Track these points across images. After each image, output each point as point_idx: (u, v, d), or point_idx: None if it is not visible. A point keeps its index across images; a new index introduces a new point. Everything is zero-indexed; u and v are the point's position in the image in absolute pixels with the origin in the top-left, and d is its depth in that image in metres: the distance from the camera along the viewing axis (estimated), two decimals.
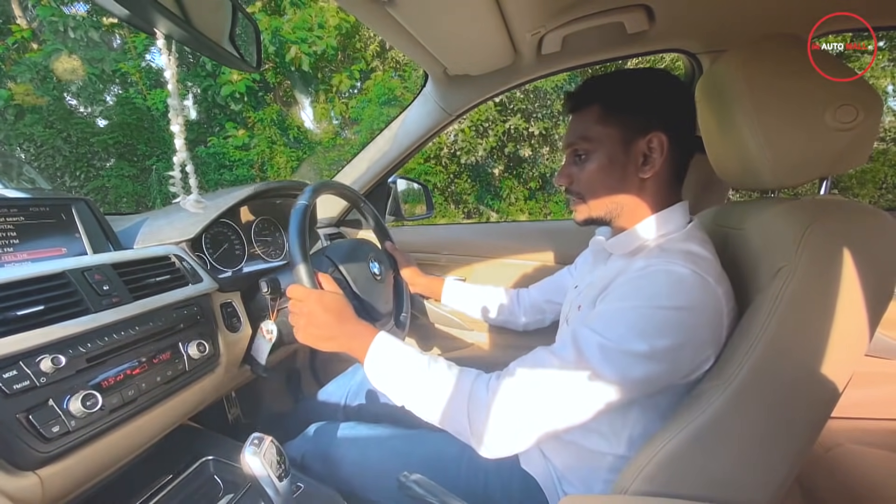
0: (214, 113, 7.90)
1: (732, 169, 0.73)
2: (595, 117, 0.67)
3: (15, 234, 0.67)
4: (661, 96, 0.67)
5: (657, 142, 0.65)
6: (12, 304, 0.54)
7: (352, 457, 0.80)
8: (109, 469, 0.65)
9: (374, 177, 1.40)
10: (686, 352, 0.57)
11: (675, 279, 0.57)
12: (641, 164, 0.66)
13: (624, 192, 0.68)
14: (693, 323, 0.56)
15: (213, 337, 0.80)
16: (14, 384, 0.50)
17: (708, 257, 0.60)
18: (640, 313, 0.56)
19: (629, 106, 0.66)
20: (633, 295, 0.58)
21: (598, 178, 0.68)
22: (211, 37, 0.60)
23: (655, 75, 0.68)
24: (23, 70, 6.70)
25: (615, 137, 0.66)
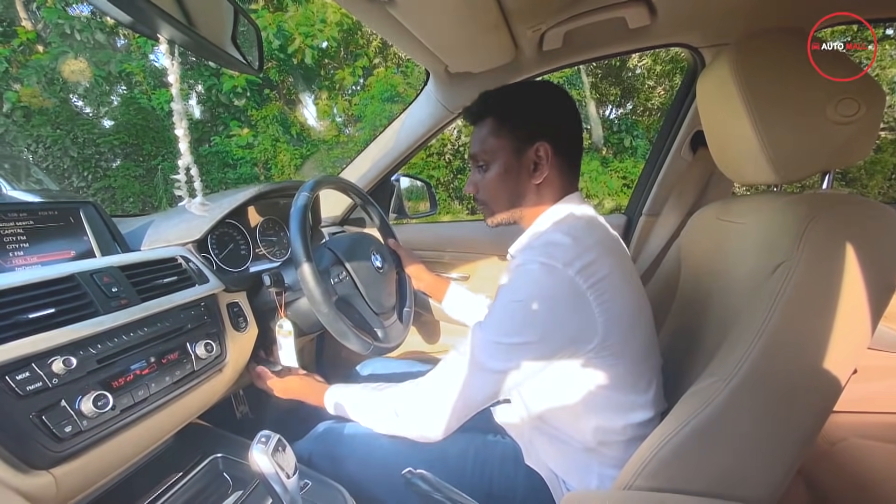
0: (218, 112, 7.93)
1: (734, 163, 0.73)
2: (489, 130, 0.75)
3: (25, 238, 0.68)
4: (545, 108, 0.74)
5: (543, 151, 0.71)
6: (24, 307, 0.55)
7: (358, 455, 0.81)
8: (121, 467, 0.66)
9: (377, 175, 1.41)
10: (550, 334, 0.63)
11: (525, 274, 0.64)
12: (532, 170, 0.73)
13: (520, 196, 0.76)
14: (545, 308, 0.62)
15: (220, 337, 0.81)
16: (27, 385, 0.51)
17: (565, 243, 0.65)
18: (506, 308, 0.65)
19: (517, 119, 0.73)
20: (501, 294, 0.67)
21: (498, 185, 0.76)
22: (213, 41, 0.61)
23: (541, 88, 0.76)
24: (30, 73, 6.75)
25: (507, 148, 0.74)
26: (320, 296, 0.76)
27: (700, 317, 0.77)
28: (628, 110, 9.89)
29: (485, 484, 0.75)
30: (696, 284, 0.83)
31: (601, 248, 0.65)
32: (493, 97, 0.76)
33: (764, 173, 0.65)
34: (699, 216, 0.89)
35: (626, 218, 1.42)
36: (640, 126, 9.15)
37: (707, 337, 0.73)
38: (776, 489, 0.56)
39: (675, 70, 6.75)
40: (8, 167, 5.36)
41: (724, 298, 0.70)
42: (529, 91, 0.76)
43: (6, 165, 5.34)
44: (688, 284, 0.87)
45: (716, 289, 0.75)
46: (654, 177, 1.31)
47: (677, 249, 0.93)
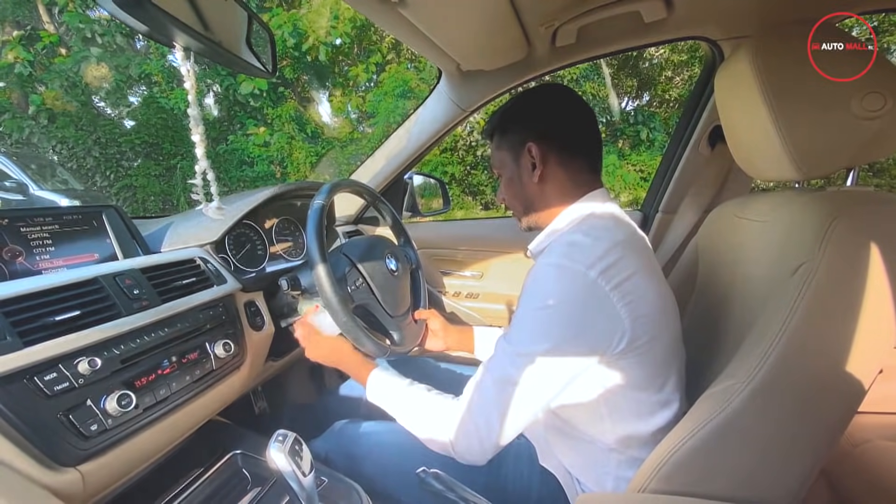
0: (235, 111, 8.05)
1: (754, 159, 0.71)
2: (496, 144, 0.81)
3: (51, 242, 0.71)
4: (532, 110, 0.77)
5: (534, 150, 0.74)
6: (51, 309, 0.57)
7: (374, 453, 0.82)
8: (144, 464, 0.68)
9: (391, 174, 1.41)
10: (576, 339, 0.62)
11: (542, 278, 0.64)
12: (532, 171, 0.75)
13: (530, 198, 0.78)
14: (568, 313, 0.61)
15: (238, 336, 0.83)
16: (55, 386, 0.53)
17: (585, 243, 0.64)
18: (529, 316, 0.64)
19: (507, 128, 0.78)
20: (522, 303, 0.66)
21: (510, 191, 0.81)
22: (227, 47, 0.62)
23: (533, 92, 0.79)
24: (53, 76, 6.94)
25: (508, 157, 0.78)
26: (338, 304, 0.77)
27: (718, 317, 0.76)
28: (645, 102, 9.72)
29: (499, 484, 0.75)
30: (714, 284, 0.81)
31: (625, 248, 0.63)
32: (495, 114, 0.81)
33: (785, 170, 0.63)
34: (717, 214, 0.87)
35: (643, 215, 1.40)
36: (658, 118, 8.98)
37: (725, 338, 0.72)
38: (797, 492, 0.55)
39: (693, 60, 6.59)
40: (35, 168, 5.52)
41: (743, 299, 0.69)
42: (522, 98, 0.79)
43: (33, 166, 5.51)
44: (705, 284, 0.86)
45: (734, 289, 0.73)
46: (671, 173, 1.28)
47: (694, 248, 0.92)
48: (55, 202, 5.10)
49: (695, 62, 6.57)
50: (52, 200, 5.12)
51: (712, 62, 1.13)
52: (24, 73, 6.91)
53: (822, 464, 0.55)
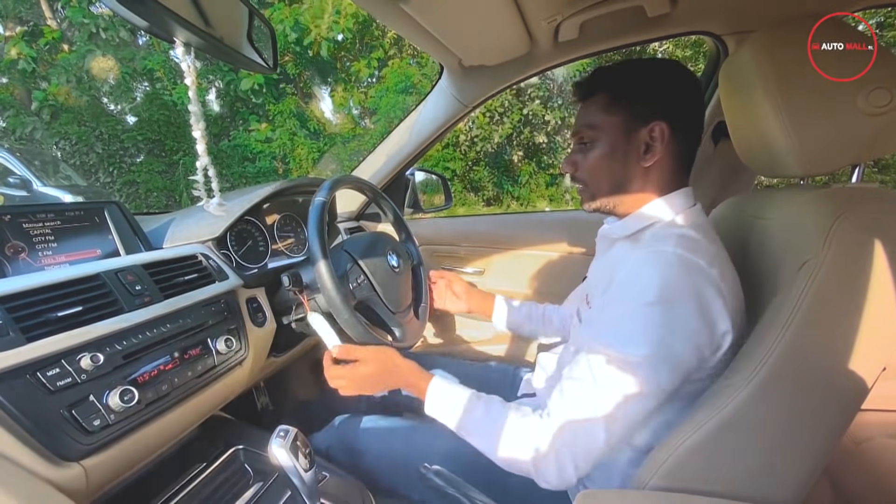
0: (237, 107, 8.06)
1: (758, 156, 0.70)
2: (600, 106, 0.69)
3: (53, 238, 0.71)
4: (666, 86, 0.68)
5: (658, 131, 0.66)
6: (53, 305, 0.57)
7: (376, 448, 0.83)
8: (147, 458, 0.69)
9: (392, 170, 1.41)
10: (683, 342, 0.57)
11: (659, 267, 0.58)
12: (643, 152, 0.67)
13: (626, 180, 0.69)
14: (681, 313, 0.57)
15: (239, 332, 0.83)
16: (57, 381, 0.54)
17: (700, 240, 0.61)
18: (632, 317, 0.58)
19: (633, 95, 0.68)
20: (625, 296, 0.61)
21: (601, 165, 0.70)
22: (228, 42, 0.62)
23: (663, 65, 0.69)
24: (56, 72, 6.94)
25: (618, 126, 0.68)
26: (340, 302, 0.77)
27: None
28: None
29: (501, 480, 0.74)
30: None
31: (726, 256, 0.62)
32: (609, 71, 0.71)
33: (789, 166, 0.62)
34: (721, 211, 0.87)
35: None
36: None
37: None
38: (799, 490, 0.55)
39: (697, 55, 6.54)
40: (38, 164, 5.54)
41: (750, 296, 0.69)
42: (651, 67, 0.70)
43: (36, 162, 5.52)
44: None
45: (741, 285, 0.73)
46: None
47: None
48: (58, 198, 5.11)
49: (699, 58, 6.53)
50: (56, 196, 5.13)
51: (716, 57, 1.12)
52: (27, 69, 6.92)
53: (825, 462, 0.55)
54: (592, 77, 0.72)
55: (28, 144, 6.91)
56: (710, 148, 1.18)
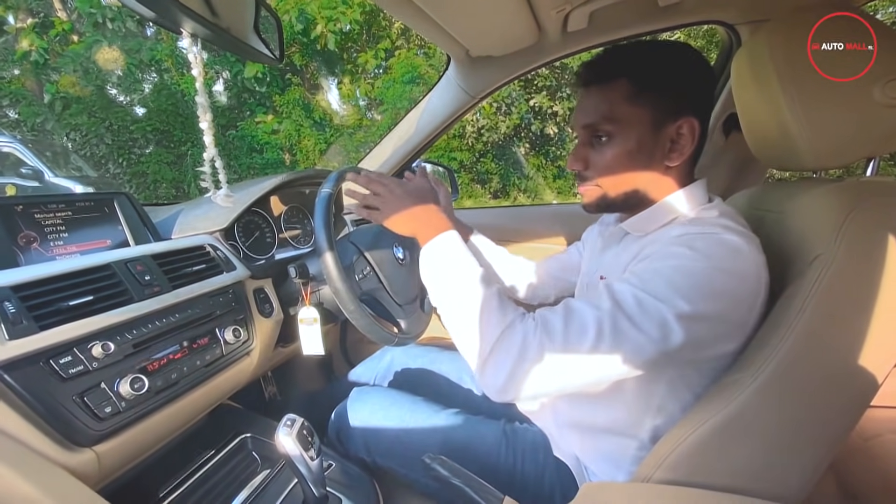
0: (244, 97, 8.07)
1: (770, 148, 0.69)
2: (623, 94, 0.60)
3: (64, 229, 0.72)
4: (695, 76, 0.61)
5: (688, 128, 0.60)
6: (65, 294, 0.58)
7: (382, 437, 0.82)
8: (157, 445, 0.70)
9: (399, 162, 1.41)
10: (724, 322, 0.53)
11: (723, 242, 0.53)
12: (668, 150, 0.61)
13: (646, 180, 0.63)
14: (736, 291, 0.52)
15: (247, 322, 0.84)
16: (70, 369, 0.55)
17: (748, 230, 0.57)
18: (684, 270, 0.52)
19: (662, 85, 0.60)
20: (676, 253, 0.53)
21: (622, 164, 0.62)
22: (234, 33, 0.61)
23: (687, 52, 0.62)
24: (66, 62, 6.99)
25: (645, 119, 0.60)
26: (346, 293, 0.77)
27: None
28: None
29: (512, 473, 0.74)
30: None
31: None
32: (630, 53, 0.62)
33: (802, 159, 0.61)
34: (731, 204, 0.86)
35: None
36: None
37: None
38: (804, 486, 0.55)
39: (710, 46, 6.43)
40: (50, 155, 5.60)
41: None
42: (677, 53, 0.61)
43: (48, 153, 5.58)
44: None
45: None
46: None
47: None
48: (70, 189, 5.17)
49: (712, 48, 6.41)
50: (67, 187, 5.20)
51: (729, 47, 1.10)
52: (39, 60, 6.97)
53: (831, 458, 0.54)
54: (611, 58, 0.63)
55: (40, 136, 6.99)
56: (720, 141, 1.16)
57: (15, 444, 0.49)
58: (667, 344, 0.51)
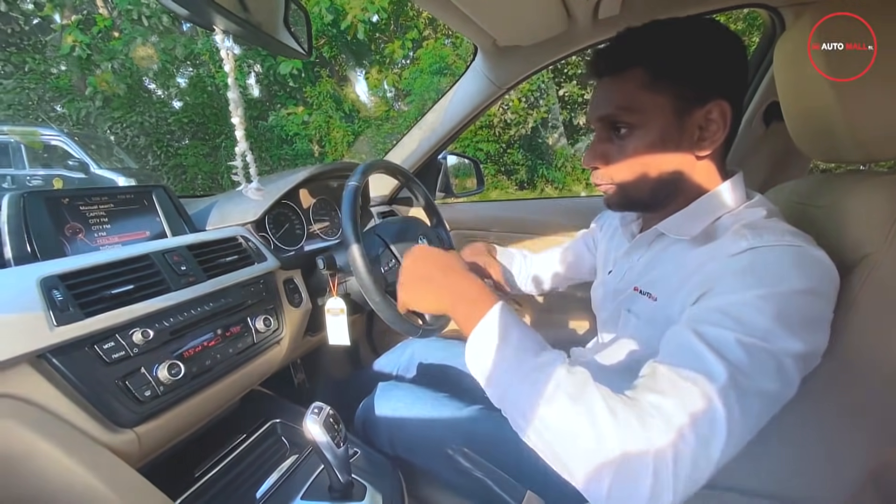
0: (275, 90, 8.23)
1: (814, 138, 0.66)
2: (640, 83, 0.55)
3: (107, 220, 0.75)
4: (720, 55, 0.55)
5: (718, 112, 0.54)
6: (108, 283, 0.61)
7: (407, 427, 0.83)
8: (193, 427, 0.74)
9: (424, 154, 1.41)
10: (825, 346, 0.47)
11: (804, 258, 0.47)
12: (697, 139, 0.56)
13: (674, 174, 0.58)
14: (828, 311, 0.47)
15: (277, 312, 0.87)
16: (112, 354, 0.58)
17: (806, 237, 0.51)
18: (780, 301, 0.44)
19: (684, 67, 0.54)
20: (761, 276, 0.46)
21: (645, 159, 0.57)
22: (265, 29, 0.63)
23: (710, 28, 0.56)
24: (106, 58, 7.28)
25: (667, 107, 0.55)
26: (371, 285, 0.78)
27: None
28: None
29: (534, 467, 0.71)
30: None
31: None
32: (645, 37, 0.57)
33: (849, 151, 0.58)
34: (770, 197, 0.82)
35: None
36: None
37: None
38: (842, 494, 0.52)
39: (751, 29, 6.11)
40: (94, 147, 5.87)
41: None
42: (697, 31, 0.55)
43: (92, 146, 5.86)
44: None
45: None
46: None
47: None
48: (113, 180, 5.43)
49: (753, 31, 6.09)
50: (111, 179, 5.45)
51: (772, 32, 1.04)
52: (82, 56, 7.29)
53: (873, 465, 0.52)
54: (625, 44, 0.57)
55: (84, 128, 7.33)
56: (760, 130, 1.11)
57: (63, 425, 0.52)
58: (789, 391, 0.44)
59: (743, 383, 0.42)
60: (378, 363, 1.16)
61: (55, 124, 6.81)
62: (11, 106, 7.28)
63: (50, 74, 7.66)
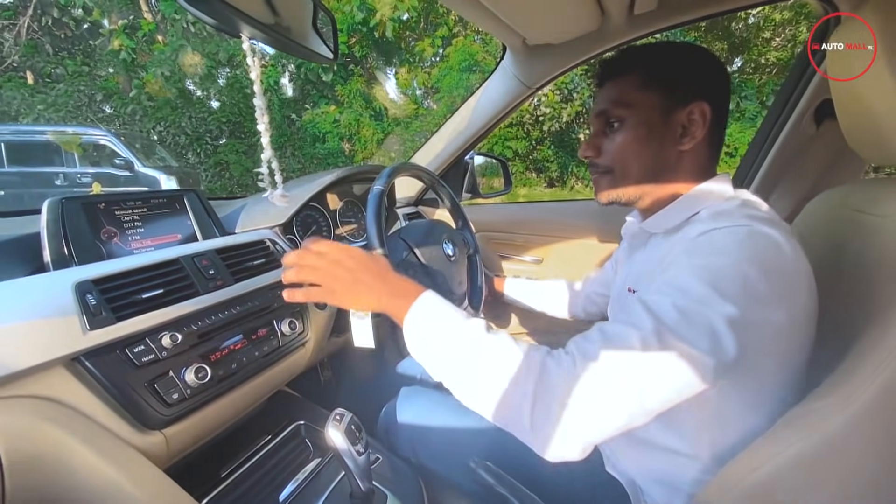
0: (308, 89, 8.42)
1: (871, 141, 0.61)
2: (635, 84, 0.64)
3: (140, 224, 0.78)
4: (704, 67, 0.64)
5: (699, 112, 0.61)
6: (139, 287, 0.63)
7: (432, 435, 0.82)
8: (219, 429, 0.75)
9: (451, 155, 1.39)
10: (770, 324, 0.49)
11: (751, 234, 0.51)
12: (680, 135, 0.63)
13: (659, 165, 0.64)
14: (782, 286, 0.49)
15: (302, 315, 0.87)
16: (142, 357, 0.59)
17: (781, 221, 0.55)
18: (719, 271, 0.49)
19: (672, 73, 0.63)
20: (706, 251, 0.52)
21: (634, 148, 0.64)
22: (292, 36, 0.63)
23: (696, 48, 0.65)
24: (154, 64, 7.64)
25: (655, 104, 0.63)
26: None
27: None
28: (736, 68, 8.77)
29: (563, 487, 0.71)
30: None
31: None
32: (642, 49, 0.67)
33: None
34: (820, 202, 0.76)
35: None
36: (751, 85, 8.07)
37: (820, 347, 0.63)
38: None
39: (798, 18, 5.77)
40: (138, 146, 6.16)
41: (846, 306, 0.60)
42: (685, 48, 0.65)
43: (137, 145, 6.14)
44: None
45: (837, 292, 0.64)
46: (765, 152, 1.14)
47: None
48: (156, 178, 5.69)
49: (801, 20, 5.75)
50: (153, 176, 5.71)
51: (825, 23, 0.97)
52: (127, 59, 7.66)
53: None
54: (624, 54, 0.67)
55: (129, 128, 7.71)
56: (810, 129, 1.04)
57: (95, 426, 0.53)
58: (722, 355, 0.47)
59: (668, 338, 0.47)
60: (403, 365, 1.16)
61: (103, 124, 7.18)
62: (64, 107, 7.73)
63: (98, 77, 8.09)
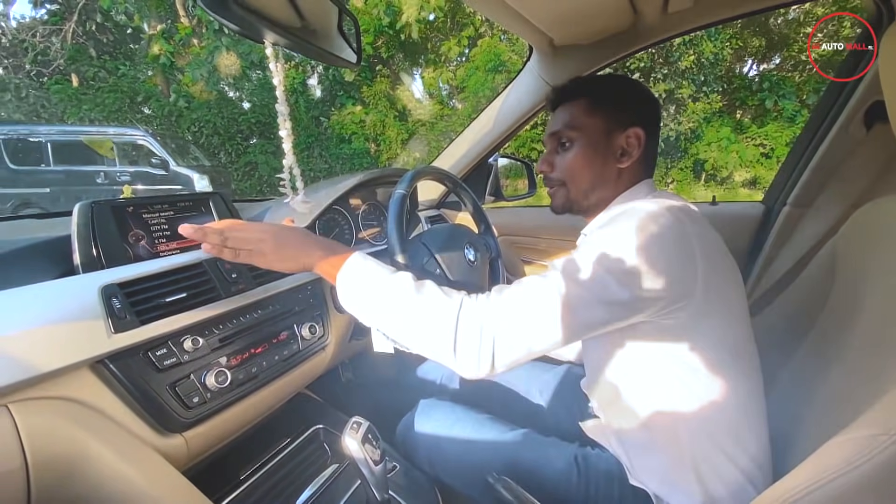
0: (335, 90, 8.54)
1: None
2: (582, 109, 0.75)
3: (167, 227, 0.79)
4: (640, 97, 0.76)
5: (635, 136, 0.72)
6: (163, 291, 0.64)
7: (451, 446, 0.81)
8: (239, 431, 0.75)
9: (475, 158, 1.38)
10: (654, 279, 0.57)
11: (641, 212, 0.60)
12: (619, 155, 0.74)
13: (602, 179, 0.75)
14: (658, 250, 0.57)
15: (323, 318, 0.87)
16: (164, 361, 0.60)
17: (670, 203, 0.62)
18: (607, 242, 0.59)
19: (614, 101, 0.75)
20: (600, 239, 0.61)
21: (581, 164, 0.75)
22: (315, 42, 0.62)
23: (633, 81, 0.78)
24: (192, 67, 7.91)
25: (599, 128, 0.74)
26: None
27: (855, 340, 0.62)
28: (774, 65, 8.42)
29: (582, 501, 0.70)
30: (855, 299, 0.67)
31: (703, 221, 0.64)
32: (589, 80, 0.78)
33: None
34: (869, 211, 0.71)
35: (764, 208, 1.19)
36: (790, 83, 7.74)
37: (862, 368, 0.58)
38: None
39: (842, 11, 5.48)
40: (173, 146, 6.37)
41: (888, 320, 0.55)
42: (625, 80, 0.78)
43: (172, 145, 6.36)
44: (843, 297, 0.71)
45: (885, 309, 0.59)
46: (808, 158, 1.07)
47: (832, 251, 0.76)
48: (189, 177, 5.88)
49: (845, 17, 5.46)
50: (187, 175, 5.91)
51: (877, 19, 0.90)
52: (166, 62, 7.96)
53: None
54: (574, 84, 0.78)
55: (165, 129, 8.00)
56: (860, 133, 0.97)
57: (117, 428, 0.54)
58: (609, 295, 0.56)
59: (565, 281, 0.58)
60: (423, 369, 1.15)
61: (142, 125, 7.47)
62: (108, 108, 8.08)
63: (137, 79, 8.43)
